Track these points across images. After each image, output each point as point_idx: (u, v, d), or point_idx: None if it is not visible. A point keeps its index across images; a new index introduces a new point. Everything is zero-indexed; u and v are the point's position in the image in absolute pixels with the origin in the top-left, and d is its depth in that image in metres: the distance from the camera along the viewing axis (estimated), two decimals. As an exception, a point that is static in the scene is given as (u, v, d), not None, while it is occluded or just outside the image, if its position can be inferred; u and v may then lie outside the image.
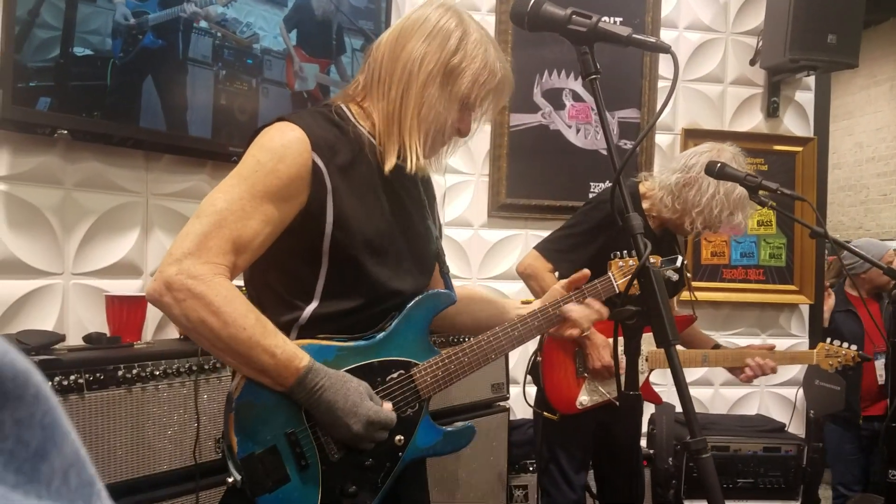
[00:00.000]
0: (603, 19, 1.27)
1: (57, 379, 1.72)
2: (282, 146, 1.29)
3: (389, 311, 1.42)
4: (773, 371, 2.54)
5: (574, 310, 1.54)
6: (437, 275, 1.60)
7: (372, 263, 1.38)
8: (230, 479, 1.28)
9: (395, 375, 1.40)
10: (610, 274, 1.65)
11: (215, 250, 1.23)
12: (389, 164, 1.38)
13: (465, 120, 1.45)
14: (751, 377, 2.53)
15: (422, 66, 1.37)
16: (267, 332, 1.24)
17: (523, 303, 1.61)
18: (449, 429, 1.46)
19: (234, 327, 1.21)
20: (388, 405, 1.35)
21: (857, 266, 3.95)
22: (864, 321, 3.92)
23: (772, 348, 2.63)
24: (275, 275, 1.38)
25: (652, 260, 2.31)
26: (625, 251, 1.75)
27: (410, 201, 1.49)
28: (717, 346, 2.66)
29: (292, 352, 1.25)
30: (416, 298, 1.45)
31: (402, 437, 1.38)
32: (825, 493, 4.09)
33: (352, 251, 1.35)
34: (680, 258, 2.22)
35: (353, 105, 1.45)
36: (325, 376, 1.26)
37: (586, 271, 1.59)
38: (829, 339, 2.66)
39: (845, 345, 2.62)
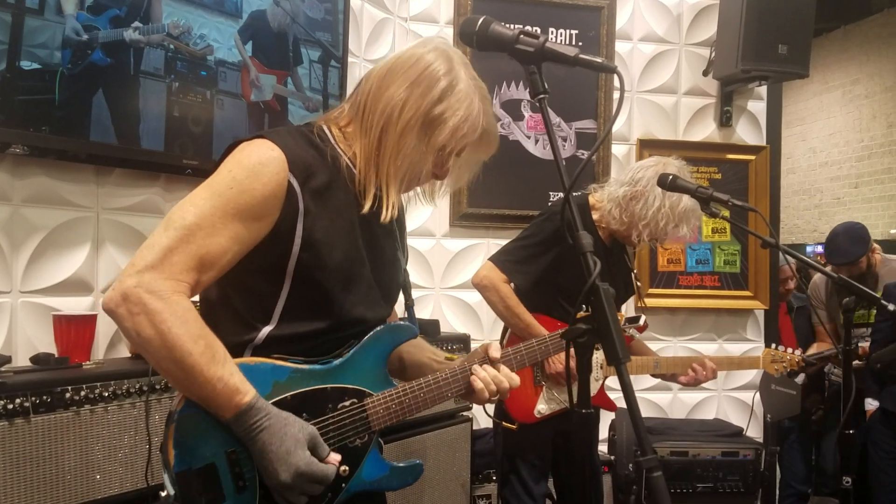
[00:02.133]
0: (551, 38, 1.28)
1: (2, 402, 1.68)
2: (259, 164, 1.26)
3: (349, 337, 1.40)
4: (713, 375, 2.61)
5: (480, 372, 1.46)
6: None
7: (337, 288, 1.36)
8: (163, 493, 1.25)
9: (346, 403, 1.37)
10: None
11: (179, 266, 1.19)
12: (368, 204, 1.36)
13: (443, 166, 1.43)
14: (690, 381, 2.59)
15: (402, 113, 1.34)
16: (214, 361, 1.20)
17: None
18: (396, 464, 1.44)
19: (181, 351, 1.17)
20: (334, 457, 1.30)
21: None
22: (780, 324, 4.11)
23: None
24: (235, 292, 1.36)
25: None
26: None
27: (382, 230, 1.47)
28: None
29: (234, 386, 1.21)
30: (378, 328, 1.43)
31: (347, 468, 1.35)
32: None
33: (317, 274, 1.33)
34: (643, 318, 2.27)
35: (335, 128, 1.43)
36: (266, 416, 1.23)
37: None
38: (773, 345, 2.73)
39: (790, 350, 2.68)
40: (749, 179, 3.94)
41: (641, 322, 2.31)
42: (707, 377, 2.59)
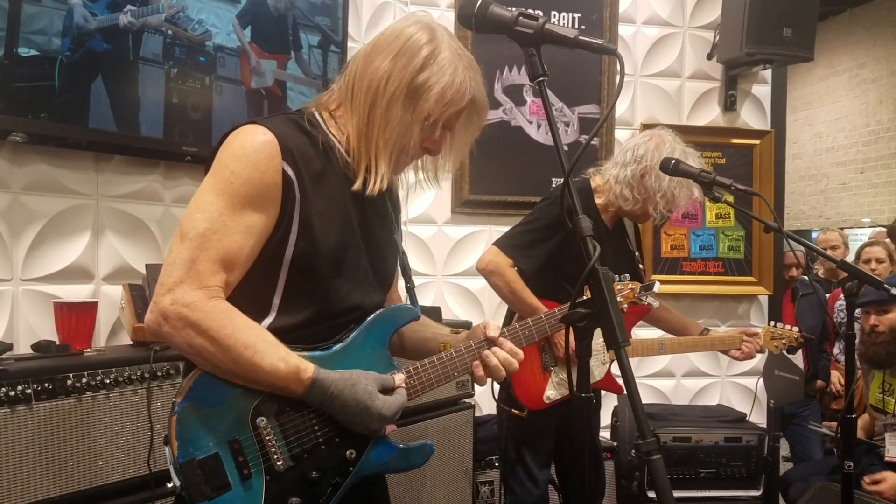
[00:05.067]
0: (553, 20, 1.26)
1: (4, 389, 1.68)
2: (254, 151, 1.27)
3: (348, 323, 1.40)
4: (761, 350, 2.69)
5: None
6: (392, 289, 1.59)
7: (333, 276, 1.36)
8: (170, 485, 1.26)
9: None
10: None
11: (206, 273, 1.23)
12: (360, 180, 1.36)
13: (435, 139, 1.42)
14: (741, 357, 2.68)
15: (387, 86, 1.34)
16: (270, 347, 1.25)
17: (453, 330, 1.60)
18: (404, 445, 1.43)
19: (235, 350, 1.22)
20: (398, 378, 1.36)
21: None
22: (783, 311, 4.06)
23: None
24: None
25: (631, 286, 2.34)
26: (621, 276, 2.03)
27: (376, 214, 1.47)
28: (705, 331, 2.72)
29: (295, 365, 1.26)
30: (378, 312, 1.42)
31: (354, 452, 1.35)
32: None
33: (314, 262, 1.33)
34: (657, 283, 2.27)
35: (326, 113, 1.43)
36: (332, 384, 1.27)
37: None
38: (772, 322, 2.72)
39: (787, 326, 2.67)
40: (754, 164, 3.91)
41: (656, 288, 2.30)
42: (753, 352, 2.65)
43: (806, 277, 4.43)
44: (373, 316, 1.41)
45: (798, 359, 3.93)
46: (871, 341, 3.14)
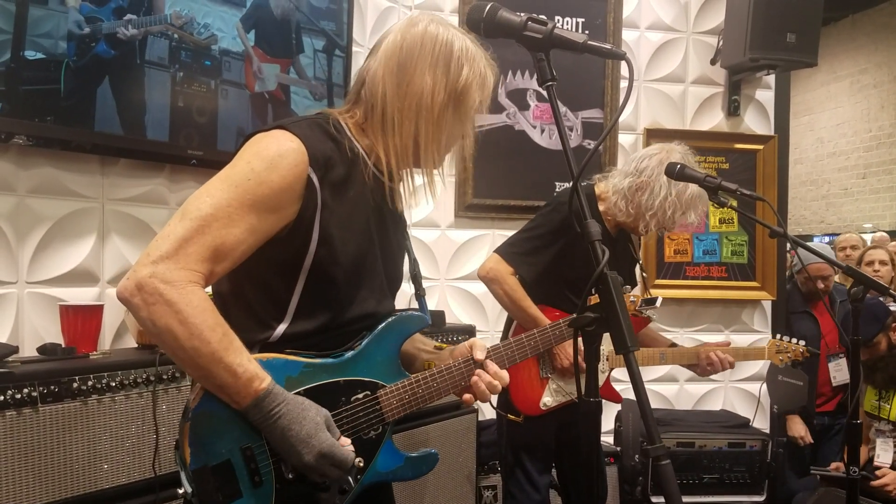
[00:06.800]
0: (559, 25, 1.26)
1: (10, 392, 1.68)
2: (278, 155, 1.25)
3: (361, 330, 1.40)
4: (731, 366, 2.59)
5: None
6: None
7: (350, 283, 1.36)
8: (180, 490, 1.26)
9: (360, 396, 1.37)
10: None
11: (194, 256, 1.19)
12: (400, 203, 1.42)
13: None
14: (709, 371, 2.57)
15: (434, 98, 1.36)
16: (231, 349, 1.20)
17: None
18: (411, 454, 1.44)
19: (199, 340, 1.17)
20: (345, 441, 1.30)
21: (795, 265, 4.05)
22: (821, 323, 3.98)
23: (727, 344, 2.67)
24: (250, 287, 1.35)
25: (632, 298, 2.32)
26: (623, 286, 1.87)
27: (393, 221, 1.48)
28: (673, 345, 2.68)
29: (253, 372, 1.22)
30: (389, 320, 1.42)
31: (362, 460, 1.36)
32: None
33: (332, 269, 1.33)
34: (659, 299, 2.26)
35: (350, 121, 1.42)
36: (284, 401, 1.23)
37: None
38: (778, 335, 2.71)
39: (794, 340, 2.66)
40: (757, 169, 3.91)
41: (658, 304, 2.29)
42: (724, 368, 2.58)
43: (839, 281, 4.30)
44: (383, 324, 1.41)
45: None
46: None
